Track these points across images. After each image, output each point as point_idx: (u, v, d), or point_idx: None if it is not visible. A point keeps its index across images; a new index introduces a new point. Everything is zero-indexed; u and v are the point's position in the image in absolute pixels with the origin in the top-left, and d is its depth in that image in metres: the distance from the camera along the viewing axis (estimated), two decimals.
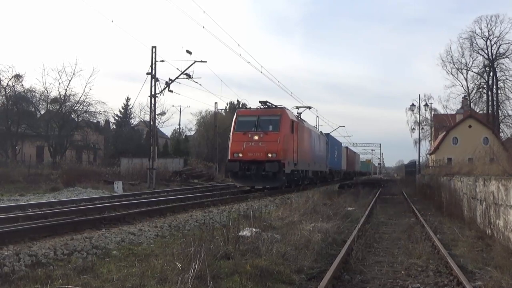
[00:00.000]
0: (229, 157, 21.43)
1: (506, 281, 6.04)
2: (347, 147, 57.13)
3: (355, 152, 70.59)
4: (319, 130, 35.83)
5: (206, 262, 5.78)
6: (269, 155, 20.34)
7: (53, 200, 15.13)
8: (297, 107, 30.17)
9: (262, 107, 23.30)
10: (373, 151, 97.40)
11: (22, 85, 41.46)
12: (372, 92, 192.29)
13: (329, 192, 24.34)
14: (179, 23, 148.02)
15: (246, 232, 8.54)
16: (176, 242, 7.91)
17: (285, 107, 23.24)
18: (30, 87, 42.24)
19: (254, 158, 20.50)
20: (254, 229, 8.75)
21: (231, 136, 21.96)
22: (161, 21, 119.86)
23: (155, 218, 10.84)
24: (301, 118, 27.62)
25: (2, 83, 39.94)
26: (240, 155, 20.85)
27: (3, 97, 40.55)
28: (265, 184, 21.51)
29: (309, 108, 31.93)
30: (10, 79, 39.99)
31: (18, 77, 40.42)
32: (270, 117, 21.78)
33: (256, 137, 20.82)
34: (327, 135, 39.40)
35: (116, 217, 10.09)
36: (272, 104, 23.39)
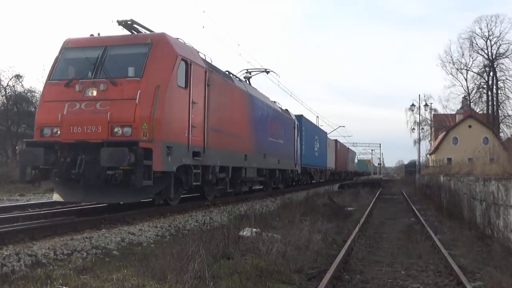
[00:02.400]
0: (34, 136, 10.48)
1: (506, 281, 6.04)
2: (336, 141, 46.87)
3: (348, 148, 59.75)
4: (282, 106, 22.73)
5: (206, 262, 5.79)
6: (117, 129, 9.67)
7: (53, 200, 15.10)
8: (247, 70, 20.22)
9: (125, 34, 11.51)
10: (373, 151, 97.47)
11: (22, 85, 41.41)
12: (372, 92, 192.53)
13: (330, 193, 24.31)
14: (179, 23, 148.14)
15: (246, 232, 8.55)
16: (176, 242, 7.91)
17: (166, 34, 11.08)
18: (30, 87, 42.31)
19: (85, 137, 9.68)
20: (254, 229, 8.76)
21: (42, 92, 11.30)
22: (161, 21, 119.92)
23: (155, 218, 10.83)
24: (242, 78, 17.71)
25: (2, 83, 39.90)
26: (57, 131, 10.01)
27: (3, 97, 40.51)
28: (109, 197, 10.13)
29: (266, 72, 21.29)
30: (10, 79, 40.01)
31: (18, 77, 40.39)
32: (129, 50, 10.78)
33: (92, 92, 10.04)
34: (299, 117, 26.55)
35: (116, 217, 10.08)
36: (143, 28, 11.73)
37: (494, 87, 50.46)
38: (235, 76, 16.58)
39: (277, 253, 7.00)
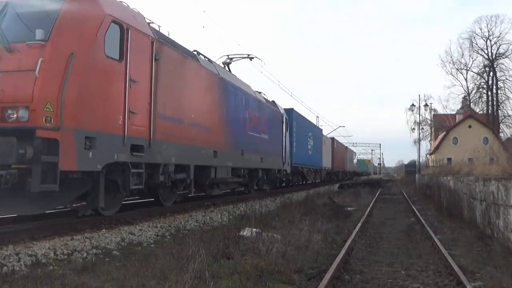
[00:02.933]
0: None
1: (506, 281, 6.04)
2: (333, 139, 44.34)
3: (346, 147, 56.82)
4: (267, 97, 20.37)
5: (206, 262, 5.79)
6: (10, 112, 7.23)
7: None
8: (227, 56, 18.09)
9: None
10: (373, 151, 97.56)
11: None
12: (372, 92, 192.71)
13: (330, 193, 24.28)
14: (179, 22, 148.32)
15: (246, 232, 8.55)
16: (176, 242, 7.92)
17: None
18: None
19: None
20: (254, 229, 8.76)
21: None
22: (161, 21, 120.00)
23: (155, 218, 10.84)
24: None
25: None
26: None
27: None
28: None
29: (250, 58, 19.16)
30: None
31: None
32: (37, 7, 8.11)
33: None
34: (289, 111, 24.02)
35: (116, 217, 10.09)
36: None
37: (494, 87, 50.53)
38: (204, 56, 13.41)
39: (277, 253, 7.00)
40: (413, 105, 44.85)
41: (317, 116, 49.61)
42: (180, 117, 11.05)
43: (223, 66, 16.83)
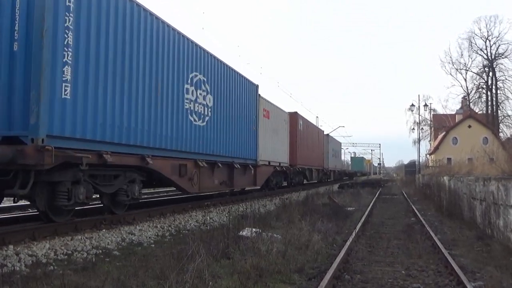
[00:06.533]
0: None
1: (506, 280, 6.04)
2: (296, 114, 25.71)
3: (327, 134, 39.33)
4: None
5: (206, 262, 5.79)
6: None
7: None
8: None
9: None
10: (372, 151, 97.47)
11: None
12: (372, 92, 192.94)
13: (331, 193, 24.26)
14: (179, 23, 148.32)
15: (246, 232, 8.54)
16: (176, 242, 7.91)
17: None
18: None
19: None
20: (253, 229, 8.75)
21: None
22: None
23: (155, 218, 10.84)
24: None
25: None
26: None
27: None
28: None
29: None
30: None
31: None
32: None
33: None
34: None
35: (116, 217, 10.09)
36: None
37: (494, 87, 50.52)
38: None
39: (277, 253, 6.99)
40: (412, 105, 44.97)
41: (317, 116, 49.19)
42: None
43: None
